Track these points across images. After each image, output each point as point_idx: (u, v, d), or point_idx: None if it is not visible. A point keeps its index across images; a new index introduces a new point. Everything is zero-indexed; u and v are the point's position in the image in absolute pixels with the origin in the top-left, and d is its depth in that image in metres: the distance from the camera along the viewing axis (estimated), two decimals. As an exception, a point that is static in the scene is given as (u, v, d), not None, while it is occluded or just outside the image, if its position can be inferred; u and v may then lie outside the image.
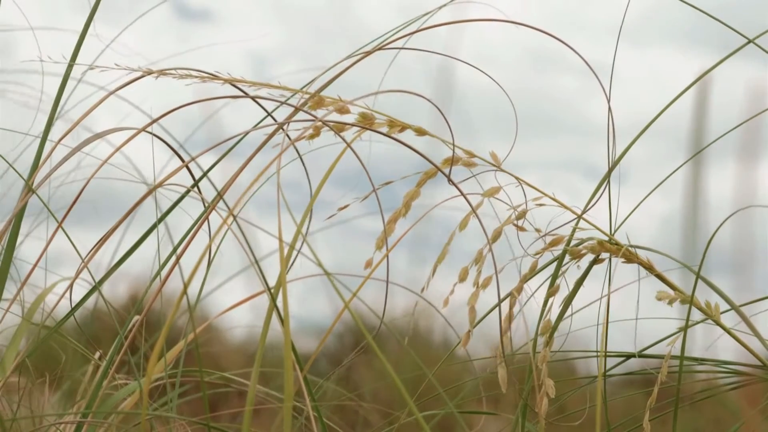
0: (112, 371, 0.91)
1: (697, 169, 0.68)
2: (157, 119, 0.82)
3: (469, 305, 0.91)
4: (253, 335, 2.05)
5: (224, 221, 0.73)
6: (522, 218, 0.93)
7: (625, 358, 1.05)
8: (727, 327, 0.95)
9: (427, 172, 0.92)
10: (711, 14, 0.97)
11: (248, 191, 0.77)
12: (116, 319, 1.09)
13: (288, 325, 0.65)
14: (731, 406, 1.11)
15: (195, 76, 0.89)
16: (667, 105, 0.96)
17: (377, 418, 1.59)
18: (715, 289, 0.90)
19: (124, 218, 0.81)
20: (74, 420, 1.06)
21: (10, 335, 1.23)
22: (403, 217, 0.90)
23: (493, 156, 0.93)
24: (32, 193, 0.89)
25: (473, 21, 0.88)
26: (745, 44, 0.96)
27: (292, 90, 0.88)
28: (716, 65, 0.95)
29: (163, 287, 0.87)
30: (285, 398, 0.60)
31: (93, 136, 0.88)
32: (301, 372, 0.80)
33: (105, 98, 0.90)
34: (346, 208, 0.89)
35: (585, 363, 1.09)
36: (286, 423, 0.59)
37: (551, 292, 0.93)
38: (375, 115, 0.90)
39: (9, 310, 0.98)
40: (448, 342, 1.18)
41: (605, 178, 0.95)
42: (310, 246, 0.69)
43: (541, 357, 0.91)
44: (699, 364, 1.05)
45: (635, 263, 0.95)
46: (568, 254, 0.93)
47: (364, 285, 0.81)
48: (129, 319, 1.03)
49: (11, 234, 0.91)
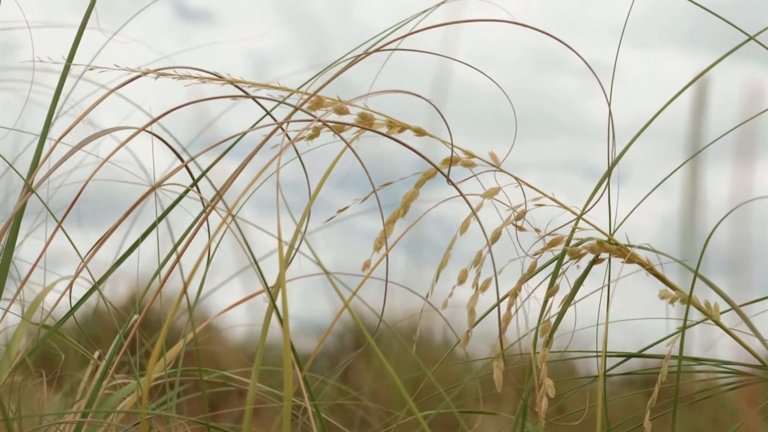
0: (111, 371, 0.91)
1: (695, 170, 0.68)
2: (157, 119, 0.82)
3: (468, 308, 0.91)
4: (253, 335, 2.05)
5: (224, 221, 0.73)
6: (521, 219, 0.93)
7: (625, 358, 1.05)
8: (727, 327, 0.95)
9: (426, 173, 0.92)
10: (712, 11, 0.97)
11: (247, 191, 0.77)
12: (116, 318, 1.09)
13: (287, 325, 0.66)
14: (731, 406, 1.11)
15: (194, 76, 0.89)
16: (665, 105, 0.97)
17: (377, 418, 1.59)
18: (714, 287, 0.91)
19: (123, 218, 0.81)
20: (74, 420, 1.06)
21: (9, 335, 1.23)
22: (402, 217, 0.90)
23: (493, 156, 0.93)
24: (32, 192, 0.89)
25: (472, 21, 0.88)
26: (746, 41, 0.96)
27: (292, 90, 0.88)
28: (716, 63, 0.95)
29: (163, 287, 0.87)
30: (285, 398, 0.60)
31: (92, 135, 0.88)
32: (300, 372, 0.80)
33: (104, 98, 0.90)
34: (345, 208, 0.89)
35: (585, 363, 1.09)
36: (285, 422, 0.59)
37: (551, 292, 0.93)
38: (374, 115, 0.90)
39: (9, 309, 0.98)
40: (448, 342, 1.18)
41: (605, 177, 0.95)
42: (310, 245, 0.69)
43: (540, 357, 0.91)
44: (699, 364, 1.05)
45: (635, 263, 0.95)
46: (567, 254, 0.94)
47: (363, 285, 0.81)
48: (128, 319, 1.03)
49: (11, 233, 0.91)
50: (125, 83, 0.89)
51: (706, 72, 0.93)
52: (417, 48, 0.88)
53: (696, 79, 0.90)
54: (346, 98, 0.88)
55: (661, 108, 0.97)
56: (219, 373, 1.39)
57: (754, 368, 1.00)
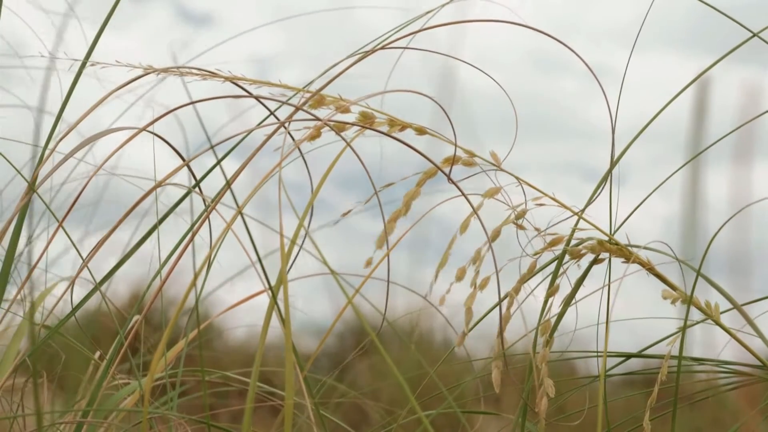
0: (112, 369, 0.91)
1: (696, 171, 0.69)
2: (158, 119, 0.82)
3: (465, 306, 0.91)
4: (253, 335, 2.05)
5: (231, 221, 0.73)
6: (522, 218, 0.93)
7: (626, 359, 1.05)
8: (727, 327, 0.95)
9: (426, 172, 0.92)
10: (717, 8, 0.97)
11: (249, 190, 0.77)
12: (117, 318, 1.09)
13: (289, 324, 0.66)
14: (731, 406, 1.11)
15: (196, 74, 0.90)
16: (665, 105, 0.97)
17: (378, 417, 1.59)
18: (716, 287, 0.91)
19: (124, 218, 0.81)
20: (74, 420, 1.06)
21: (10, 335, 1.23)
22: (403, 216, 0.90)
23: (494, 156, 0.93)
24: (33, 192, 0.89)
25: (474, 21, 0.88)
26: (750, 38, 0.96)
27: (293, 88, 0.88)
28: (717, 62, 0.95)
29: (163, 287, 0.87)
30: (286, 397, 0.61)
31: (94, 135, 0.88)
32: (301, 372, 0.80)
33: (105, 98, 0.90)
34: (346, 205, 0.90)
35: (585, 363, 1.09)
36: (287, 422, 0.59)
37: (551, 292, 0.93)
38: (375, 114, 0.91)
39: (9, 310, 0.98)
40: (449, 342, 1.18)
41: (605, 177, 0.95)
42: (315, 243, 0.69)
43: (540, 357, 0.91)
44: (699, 364, 1.05)
45: (635, 263, 0.95)
46: (567, 254, 0.94)
47: (364, 285, 0.81)
48: (129, 319, 1.03)
49: (13, 234, 0.91)
50: (129, 83, 0.89)
51: (707, 71, 0.93)
52: (421, 48, 0.89)
53: (696, 79, 0.90)
54: (350, 98, 0.88)
55: (661, 108, 0.97)
56: (220, 373, 1.39)
57: (755, 368, 1.00)
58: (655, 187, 1.01)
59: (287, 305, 0.66)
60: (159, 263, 0.97)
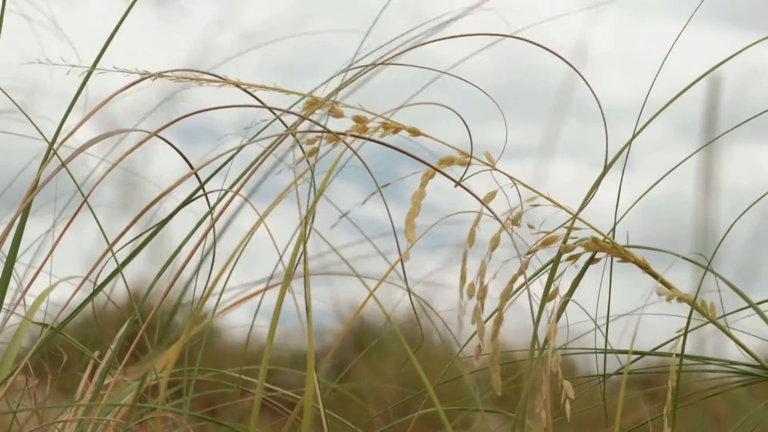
0: (115, 373, 0.91)
1: (708, 158, 0.67)
2: (165, 126, 0.82)
3: (474, 321, 0.92)
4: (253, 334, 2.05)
5: (252, 231, 0.73)
6: (517, 221, 0.93)
7: (639, 356, 1.05)
8: (725, 327, 0.96)
9: (426, 173, 0.92)
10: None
11: (250, 191, 0.78)
12: (117, 319, 1.09)
13: (311, 324, 0.66)
14: (735, 405, 1.11)
15: (192, 78, 0.90)
16: (677, 94, 0.95)
17: (379, 418, 1.60)
18: (729, 284, 0.90)
19: (131, 224, 0.82)
20: (74, 418, 1.07)
21: (10, 335, 1.23)
22: (416, 216, 0.90)
23: (488, 156, 0.93)
24: (36, 192, 0.89)
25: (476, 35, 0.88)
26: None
27: (297, 93, 0.89)
28: (733, 55, 0.94)
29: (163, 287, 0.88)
30: (305, 399, 0.61)
31: (97, 137, 0.88)
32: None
33: (106, 101, 0.90)
34: (347, 201, 0.90)
35: (585, 363, 1.10)
36: (305, 423, 0.60)
37: (550, 296, 0.93)
38: (368, 116, 0.91)
39: (12, 311, 0.99)
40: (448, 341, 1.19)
41: (604, 173, 0.95)
42: (328, 242, 0.70)
43: (554, 361, 0.90)
44: (703, 364, 1.05)
45: (630, 262, 0.95)
46: (562, 251, 0.94)
47: (363, 285, 0.81)
48: (130, 320, 1.03)
49: (15, 233, 0.91)
50: (128, 86, 0.89)
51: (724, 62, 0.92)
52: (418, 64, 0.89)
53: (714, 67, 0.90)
54: (368, 107, 0.88)
55: (675, 96, 0.95)
56: (219, 372, 1.39)
57: (755, 368, 1.01)
58: (658, 180, 1.00)
59: (309, 306, 0.66)
60: (161, 267, 0.97)
